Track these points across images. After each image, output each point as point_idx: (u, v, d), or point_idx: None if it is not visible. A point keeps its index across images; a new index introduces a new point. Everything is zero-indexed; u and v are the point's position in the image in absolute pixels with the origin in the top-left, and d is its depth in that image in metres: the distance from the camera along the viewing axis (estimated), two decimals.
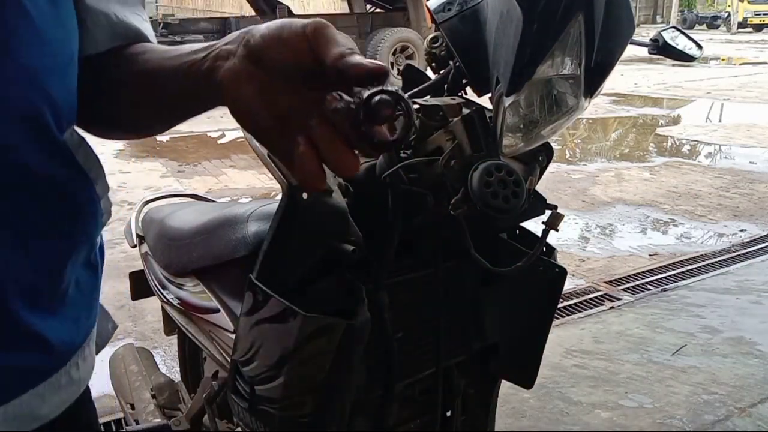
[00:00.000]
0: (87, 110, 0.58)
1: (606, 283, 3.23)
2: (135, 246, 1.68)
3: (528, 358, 1.29)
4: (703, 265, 3.43)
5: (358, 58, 0.42)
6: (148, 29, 0.66)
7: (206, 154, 6.28)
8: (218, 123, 7.73)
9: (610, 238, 3.95)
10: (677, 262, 3.50)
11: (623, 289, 3.15)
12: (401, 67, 1.54)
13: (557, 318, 2.79)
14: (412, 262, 1.14)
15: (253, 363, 0.96)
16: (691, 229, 4.06)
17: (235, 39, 0.49)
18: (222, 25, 9.38)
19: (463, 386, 1.31)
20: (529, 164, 1.11)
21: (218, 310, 1.18)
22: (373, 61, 0.42)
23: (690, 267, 3.42)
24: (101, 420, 2.15)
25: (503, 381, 1.37)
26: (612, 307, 2.97)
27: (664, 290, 3.14)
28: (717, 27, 26.14)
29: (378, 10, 11.17)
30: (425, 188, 1.02)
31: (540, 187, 1.18)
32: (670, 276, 3.31)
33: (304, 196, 0.91)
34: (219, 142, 6.94)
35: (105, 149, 6.46)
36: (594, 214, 4.35)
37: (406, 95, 0.43)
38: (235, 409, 1.02)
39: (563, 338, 2.66)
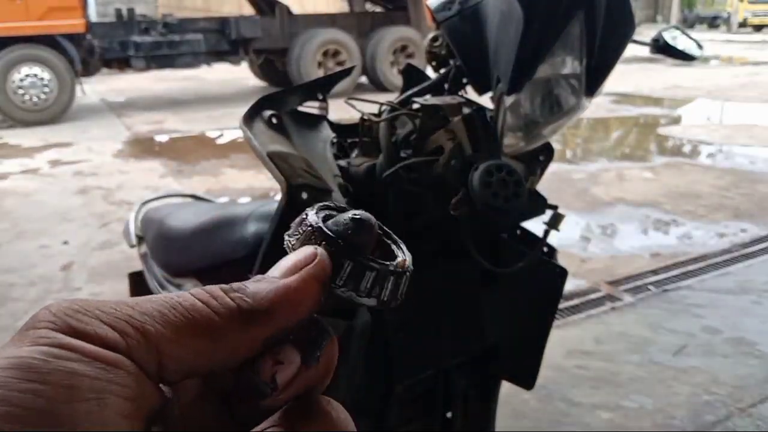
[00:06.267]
0: None
1: (607, 283, 3.23)
2: (134, 246, 1.67)
3: (528, 359, 1.28)
4: (705, 266, 3.42)
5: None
6: None
7: (205, 153, 6.27)
8: (217, 122, 7.73)
9: (612, 239, 3.94)
10: (678, 262, 3.49)
11: (624, 290, 3.15)
12: (401, 67, 1.54)
13: (558, 319, 2.79)
14: None
15: None
16: (692, 230, 4.05)
17: None
18: (221, 25, 9.38)
19: (463, 387, 1.31)
20: (529, 164, 1.10)
21: None
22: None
23: (691, 267, 3.41)
24: None
25: (504, 382, 1.36)
26: (613, 308, 2.96)
27: (665, 291, 3.13)
28: (717, 27, 26.15)
29: (378, 9, 11.17)
30: (425, 188, 1.01)
31: (541, 187, 1.17)
32: (671, 276, 3.30)
33: (304, 196, 0.90)
34: (218, 142, 6.93)
35: (104, 149, 6.46)
36: (595, 214, 4.34)
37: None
38: None
39: (564, 339, 2.65)
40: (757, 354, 2.53)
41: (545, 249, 1.17)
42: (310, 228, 0.28)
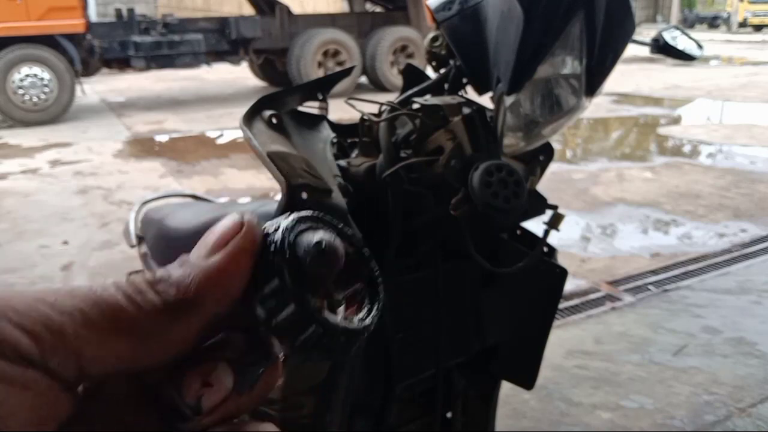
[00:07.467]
0: None
1: (607, 283, 3.23)
2: (134, 246, 1.67)
3: (528, 359, 1.28)
4: (704, 266, 3.42)
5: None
6: None
7: (205, 153, 6.27)
8: (217, 122, 7.74)
9: (612, 239, 3.94)
10: (678, 262, 3.49)
11: (624, 290, 3.15)
12: (401, 67, 1.53)
13: (558, 319, 2.79)
14: (412, 262, 1.13)
15: None
16: (692, 230, 4.05)
17: None
18: (221, 25, 9.38)
19: (463, 387, 1.31)
20: (529, 164, 1.10)
21: None
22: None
23: (691, 267, 3.41)
24: None
25: (504, 382, 1.36)
26: (613, 308, 2.96)
27: (665, 291, 3.13)
28: (717, 27, 26.16)
29: (378, 9, 11.17)
30: (425, 188, 1.01)
31: (541, 187, 1.17)
32: (671, 276, 3.30)
33: (304, 196, 0.90)
34: (218, 141, 6.93)
35: (104, 149, 6.46)
36: (595, 214, 4.34)
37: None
38: None
39: (564, 339, 2.65)
40: (757, 354, 2.53)
41: (545, 249, 1.17)
42: (273, 244, 0.24)
